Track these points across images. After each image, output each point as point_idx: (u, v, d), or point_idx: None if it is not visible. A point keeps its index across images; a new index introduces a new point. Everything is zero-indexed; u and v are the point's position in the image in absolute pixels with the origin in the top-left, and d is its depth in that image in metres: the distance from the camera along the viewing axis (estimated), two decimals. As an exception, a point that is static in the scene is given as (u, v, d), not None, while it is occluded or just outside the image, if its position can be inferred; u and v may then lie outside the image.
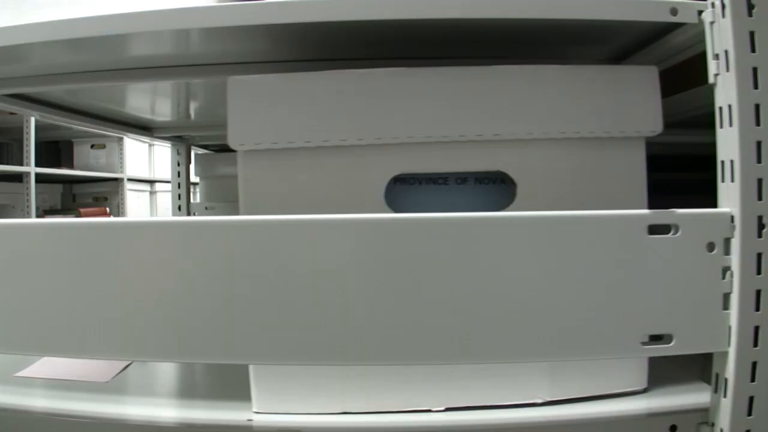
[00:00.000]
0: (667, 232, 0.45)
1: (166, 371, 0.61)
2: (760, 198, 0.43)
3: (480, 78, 0.48)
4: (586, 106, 0.50)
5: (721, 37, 0.44)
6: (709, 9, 0.45)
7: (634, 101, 0.50)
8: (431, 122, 0.48)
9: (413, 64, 0.50)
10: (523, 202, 0.50)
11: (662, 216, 0.44)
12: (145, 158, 3.12)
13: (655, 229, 0.45)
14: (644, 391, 0.52)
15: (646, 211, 0.45)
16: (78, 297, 0.41)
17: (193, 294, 0.41)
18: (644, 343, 0.44)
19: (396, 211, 0.49)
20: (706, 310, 0.44)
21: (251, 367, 0.49)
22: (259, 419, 0.48)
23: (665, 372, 0.55)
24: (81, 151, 2.94)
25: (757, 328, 0.43)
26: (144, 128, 1.10)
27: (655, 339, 0.45)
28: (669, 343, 0.44)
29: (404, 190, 0.50)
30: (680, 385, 0.53)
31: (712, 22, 0.45)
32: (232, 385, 0.55)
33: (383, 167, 0.48)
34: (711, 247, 0.44)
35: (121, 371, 0.60)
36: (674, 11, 0.46)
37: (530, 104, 0.49)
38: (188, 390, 0.58)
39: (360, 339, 0.42)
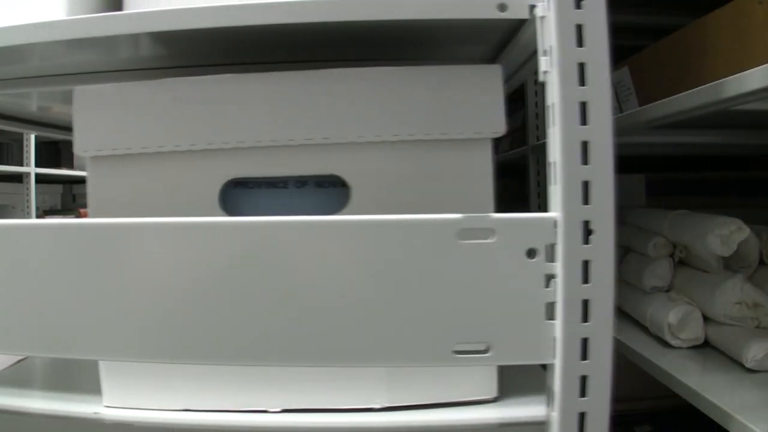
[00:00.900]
0: (485, 237, 0.42)
1: (39, 364, 0.64)
2: (586, 202, 0.40)
3: (307, 82, 0.48)
4: (421, 108, 0.48)
5: (549, 32, 0.42)
6: (541, 3, 0.43)
7: (474, 102, 0.48)
8: (260, 127, 0.48)
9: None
10: (359, 205, 0.49)
11: (476, 220, 0.42)
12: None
13: (472, 234, 0.42)
14: (494, 400, 0.51)
15: (458, 215, 0.42)
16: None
17: (41, 292, 0.43)
18: (458, 352, 0.42)
19: (234, 214, 0.50)
20: (529, 320, 0.42)
21: (101, 363, 0.50)
22: (107, 413, 0.50)
23: (529, 380, 0.54)
24: (81, 151, 2.98)
25: (585, 341, 0.40)
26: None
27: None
28: (486, 353, 0.42)
29: (244, 193, 0.51)
30: (535, 395, 0.50)
31: (543, 17, 0.43)
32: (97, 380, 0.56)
33: (216, 172, 0.49)
34: (532, 253, 0.41)
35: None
36: (503, 7, 0.44)
37: (360, 107, 0.48)
38: (48, 382, 0.61)
39: (192, 338, 0.43)
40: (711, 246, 0.79)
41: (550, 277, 0.41)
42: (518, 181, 1.54)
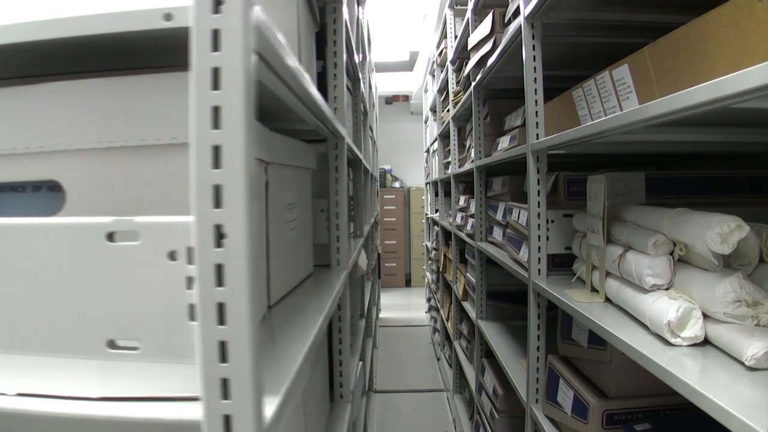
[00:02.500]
0: (131, 240, 0.45)
1: None
2: (217, 206, 0.40)
3: (23, 95, 0.53)
4: (123, 116, 0.52)
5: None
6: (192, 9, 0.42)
7: (162, 108, 0.51)
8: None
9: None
10: (76, 207, 0.53)
11: (122, 224, 0.45)
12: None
13: (120, 236, 0.45)
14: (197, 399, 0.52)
15: (106, 219, 0.45)
16: None
17: None
18: (113, 348, 0.45)
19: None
20: (174, 321, 0.44)
21: None
22: None
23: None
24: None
25: (223, 343, 0.41)
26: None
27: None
28: (136, 350, 0.45)
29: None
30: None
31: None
32: None
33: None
34: (173, 255, 0.44)
35: None
36: (169, 17, 0.45)
37: (68, 117, 0.52)
38: None
39: None
40: (711, 244, 0.79)
41: (190, 280, 0.42)
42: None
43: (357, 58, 1.99)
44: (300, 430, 0.91)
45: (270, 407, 0.46)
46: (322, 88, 1.35)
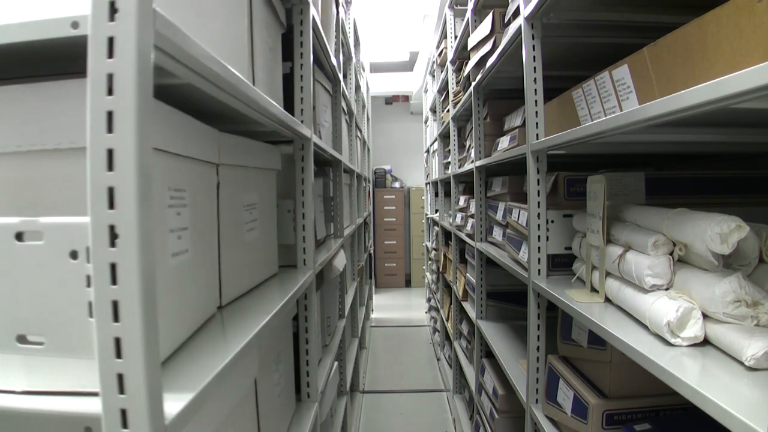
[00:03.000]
0: (37, 239, 0.48)
1: None
2: (111, 207, 0.42)
3: None
4: (23, 122, 0.54)
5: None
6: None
7: (66, 113, 0.53)
8: None
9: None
10: None
11: (28, 224, 0.48)
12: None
13: (28, 236, 0.48)
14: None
15: (14, 219, 0.48)
16: None
17: None
18: (23, 343, 0.48)
19: None
20: (76, 318, 0.47)
21: None
22: None
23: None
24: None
25: (118, 340, 0.42)
26: None
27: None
28: (42, 345, 0.49)
29: None
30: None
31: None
32: None
33: None
34: (74, 255, 0.47)
35: None
36: (75, 25, 0.47)
37: None
38: None
39: None
40: (710, 244, 0.79)
41: (89, 278, 0.44)
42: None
43: (334, 61, 1.99)
44: (251, 428, 0.92)
45: (177, 404, 0.48)
46: (289, 89, 1.35)
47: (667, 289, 0.90)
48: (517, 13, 1.45)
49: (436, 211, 4.25)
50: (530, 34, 1.35)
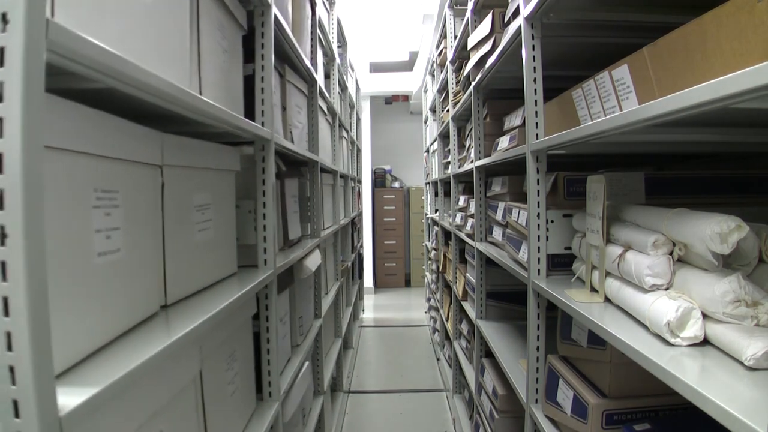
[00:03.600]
0: None
1: None
2: (1, 208, 0.46)
3: None
4: None
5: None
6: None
7: None
8: None
9: None
10: None
11: None
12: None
13: None
14: None
15: None
16: None
17: None
18: None
19: None
20: None
21: None
22: None
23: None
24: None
25: (9, 333, 0.46)
26: None
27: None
28: None
29: None
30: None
31: None
32: None
33: None
34: None
35: None
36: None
37: None
38: None
39: None
40: (710, 244, 0.79)
41: None
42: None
43: (308, 62, 2.00)
44: (192, 425, 0.93)
45: (75, 398, 0.52)
46: (250, 91, 1.36)
47: (666, 289, 0.90)
48: (516, 12, 1.45)
49: (436, 210, 4.26)
50: (530, 33, 1.35)
